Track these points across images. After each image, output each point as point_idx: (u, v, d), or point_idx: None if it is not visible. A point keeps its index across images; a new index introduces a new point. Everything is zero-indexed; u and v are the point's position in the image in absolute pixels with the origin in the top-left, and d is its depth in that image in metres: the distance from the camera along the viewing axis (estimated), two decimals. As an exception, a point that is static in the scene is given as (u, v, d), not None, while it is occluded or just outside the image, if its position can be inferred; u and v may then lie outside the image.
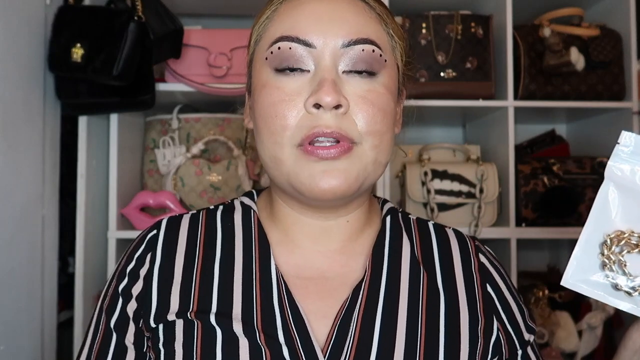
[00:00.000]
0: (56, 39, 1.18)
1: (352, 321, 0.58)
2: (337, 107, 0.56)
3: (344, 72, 0.58)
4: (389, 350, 0.57)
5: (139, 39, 1.16)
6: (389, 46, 0.61)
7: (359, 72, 0.58)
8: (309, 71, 0.58)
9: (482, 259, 0.67)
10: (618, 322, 1.45)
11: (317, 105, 0.56)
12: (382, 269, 0.62)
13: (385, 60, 0.59)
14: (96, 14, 1.19)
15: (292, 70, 0.58)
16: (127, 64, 1.14)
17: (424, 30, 1.41)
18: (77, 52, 1.15)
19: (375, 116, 0.58)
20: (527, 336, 0.65)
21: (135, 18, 1.15)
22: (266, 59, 0.59)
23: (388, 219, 0.68)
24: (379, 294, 0.60)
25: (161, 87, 1.33)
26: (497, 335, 0.63)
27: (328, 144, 0.56)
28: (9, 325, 1.07)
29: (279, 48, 0.58)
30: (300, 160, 0.57)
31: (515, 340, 0.64)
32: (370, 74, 0.59)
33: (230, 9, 1.57)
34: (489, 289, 0.65)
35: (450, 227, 0.71)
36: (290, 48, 0.57)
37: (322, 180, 0.56)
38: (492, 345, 0.62)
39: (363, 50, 0.58)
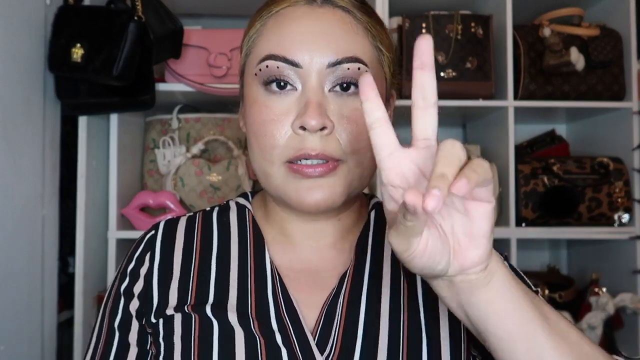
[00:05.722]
0: (56, 39, 1.18)
1: (338, 307, 0.61)
2: (322, 129, 0.58)
3: (330, 90, 0.59)
4: (374, 332, 0.60)
5: (139, 39, 1.16)
6: (375, 60, 0.62)
7: (345, 90, 0.59)
8: (296, 89, 0.59)
9: None
10: (618, 322, 1.45)
11: (303, 128, 0.58)
12: (365, 258, 0.65)
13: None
14: (96, 14, 1.19)
15: (281, 87, 0.59)
16: (127, 64, 1.14)
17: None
18: (77, 52, 1.15)
19: (360, 135, 0.59)
20: None
21: (135, 18, 1.15)
22: (255, 74, 0.61)
23: (372, 213, 0.70)
24: (362, 281, 0.63)
25: (161, 87, 1.32)
26: None
27: (315, 162, 0.58)
28: (8, 325, 1.07)
29: (267, 66, 0.59)
30: (287, 176, 0.59)
31: None
32: (356, 91, 0.59)
33: (230, 9, 1.57)
34: None
35: None
36: (277, 67, 0.59)
37: (308, 195, 0.59)
38: None
39: (349, 68, 0.59)
